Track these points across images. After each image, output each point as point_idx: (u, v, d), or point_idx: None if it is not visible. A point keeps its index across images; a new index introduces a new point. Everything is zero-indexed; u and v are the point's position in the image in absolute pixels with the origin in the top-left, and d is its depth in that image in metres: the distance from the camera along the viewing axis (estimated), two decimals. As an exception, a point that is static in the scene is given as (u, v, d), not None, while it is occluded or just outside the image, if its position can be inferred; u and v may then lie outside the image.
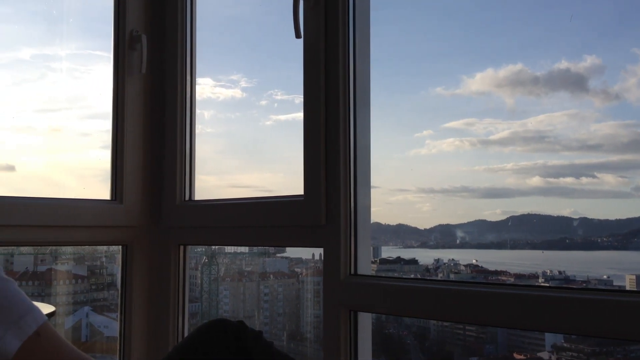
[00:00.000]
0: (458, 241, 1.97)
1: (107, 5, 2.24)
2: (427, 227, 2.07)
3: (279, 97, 2.31)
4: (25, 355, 0.79)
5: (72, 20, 2.35)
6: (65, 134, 2.37)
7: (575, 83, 1.69)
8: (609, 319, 1.27)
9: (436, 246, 2.03)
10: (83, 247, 2.59)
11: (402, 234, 2.13)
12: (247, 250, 2.56)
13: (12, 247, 2.44)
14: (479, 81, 1.86)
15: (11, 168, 2.23)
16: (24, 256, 2.54)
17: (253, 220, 1.99)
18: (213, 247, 2.53)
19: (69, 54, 2.35)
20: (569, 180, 1.71)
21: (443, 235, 2.02)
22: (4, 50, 2.23)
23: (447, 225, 2.02)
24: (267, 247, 2.45)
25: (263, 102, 2.37)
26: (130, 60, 2.19)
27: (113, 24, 2.22)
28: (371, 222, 1.82)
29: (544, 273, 1.84)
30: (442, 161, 1.94)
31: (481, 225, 1.91)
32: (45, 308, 2.09)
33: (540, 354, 1.84)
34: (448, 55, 1.94)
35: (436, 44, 1.96)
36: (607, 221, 1.76)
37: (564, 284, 1.75)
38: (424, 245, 2.07)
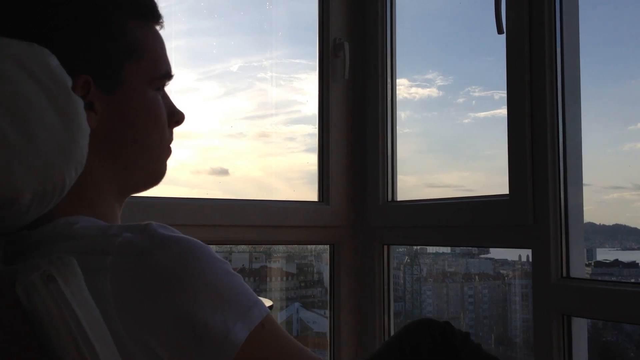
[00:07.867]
0: (687, 243, 1.78)
1: (310, 12, 2.35)
2: (650, 228, 1.90)
3: (476, 94, 2.25)
4: (251, 345, 0.81)
5: (280, 33, 2.50)
6: (272, 139, 2.51)
7: None
8: None
9: (661, 249, 1.86)
10: (292, 246, 2.73)
11: (620, 235, 1.97)
12: (449, 251, 2.53)
13: (231, 245, 2.65)
14: (702, 64, 1.67)
15: (225, 172, 2.41)
16: (241, 254, 2.73)
17: (455, 220, 1.97)
18: (415, 247, 2.54)
19: (272, 63, 2.49)
20: None
21: (668, 237, 1.84)
22: (217, 62, 2.43)
23: (674, 225, 1.84)
24: (470, 248, 2.40)
25: (460, 100, 2.33)
26: (334, 68, 2.29)
27: (317, 34, 2.33)
28: (584, 222, 1.71)
29: None
30: (662, 156, 1.77)
31: None
32: (265, 302, 2.24)
33: None
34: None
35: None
36: None
37: None
38: (646, 247, 1.90)
